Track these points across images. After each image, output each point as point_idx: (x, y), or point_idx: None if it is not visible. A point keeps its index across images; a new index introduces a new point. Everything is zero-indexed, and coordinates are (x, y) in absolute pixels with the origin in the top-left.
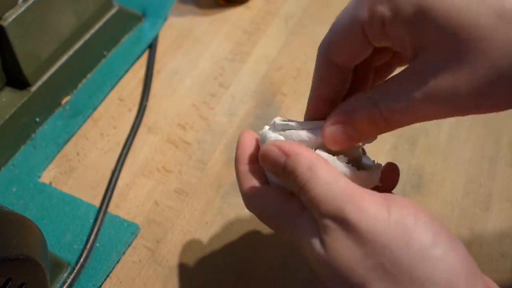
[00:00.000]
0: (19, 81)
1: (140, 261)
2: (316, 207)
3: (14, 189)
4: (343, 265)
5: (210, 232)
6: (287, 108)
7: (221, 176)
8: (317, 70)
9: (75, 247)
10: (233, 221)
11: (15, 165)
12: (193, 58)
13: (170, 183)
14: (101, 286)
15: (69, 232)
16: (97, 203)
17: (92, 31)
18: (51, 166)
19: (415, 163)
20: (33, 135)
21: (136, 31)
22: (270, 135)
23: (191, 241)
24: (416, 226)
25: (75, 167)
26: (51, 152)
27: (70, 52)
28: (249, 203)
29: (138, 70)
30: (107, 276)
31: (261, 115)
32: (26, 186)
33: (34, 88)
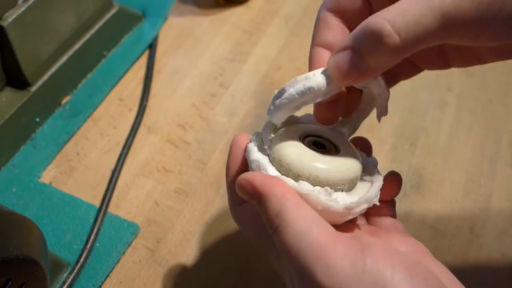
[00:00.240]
0: (19, 81)
1: (140, 261)
2: (286, 257)
3: (14, 189)
4: None
5: (210, 232)
6: None
7: (221, 176)
8: (318, 20)
9: (75, 247)
10: (233, 221)
11: (15, 165)
12: (193, 58)
13: (170, 183)
14: (101, 286)
15: (69, 232)
16: (97, 203)
17: (92, 31)
18: (51, 166)
19: (415, 163)
20: (33, 135)
21: (136, 31)
22: (253, 155)
23: (191, 241)
24: (392, 282)
25: (75, 167)
26: (51, 152)
27: (70, 52)
28: (233, 217)
29: (138, 70)
30: (107, 276)
31: (261, 115)
32: (26, 186)
33: (34, 88)
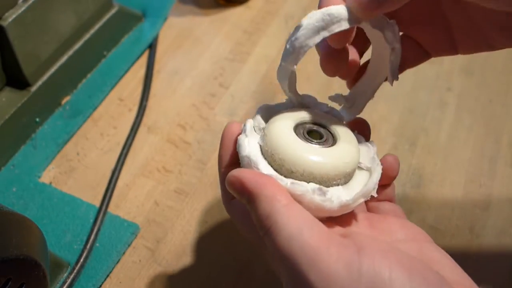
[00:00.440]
0: (19, 81)
1: (140, 261)
2: (278, 259)
3: (14, 189)
4: None
5: (210, 232)
6: None
7: None
8: None
9: (75, 247)
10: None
11: (15, 165)
12: (193, 58)
13: (170, 183)
14: (101, 286)
15: (69, 232)
16: (97, 203)
17: (92, 31)
18: (51, 166)
19: (415, 163)
20: (33, 135)
21: (136, 31)
22: (244, 150)
23: (191, 241)
24: (390, 284)
25: (75, 167)
26: (51, 152)
27: (70, 52)
28: (227, 211)
29: (138, 70)
30: (107, 276)
31: None
32: (26, 186)
33: (34, 88)
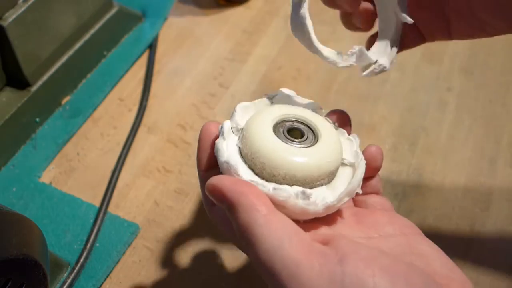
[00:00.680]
0: (19, 81)
1: (140, 261)
2: (261, 272)
3: (14, 189)
4: None
5: (210, 232)
6: None
7: None
8: None
9: (75, 247)
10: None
11: (15, 165)
12: (193, 58)
13: (170, 183)
14: (101, 286)
15: (69, 232)
16: (97, 203)
17: (92, 31)
18: (51, 166)
19: (415, 163)
20: (33, 135)
21: (136, 31)
22: (222, 155)
23: (191, 241)
24: None
25: (75, 167)
26: (51, 152)
27: (70, 52)
28: (209, 215)
29: (138, 70)
30: (107, 276)
31: None
32: (26, 186)
33: (34, 88)
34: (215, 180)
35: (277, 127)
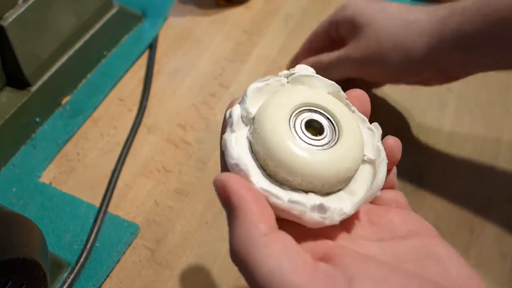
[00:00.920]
0: (19, 81)
1: (140, 261)
2: None
3: (14, 189)
4: None
5: (210, 232)
6: None
7: None
8: (316, 31)
9: (75, 247)
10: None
11: (15, 165)
12: (193, 58)
13: (170, 183)
14: (101, 286)
15: (69, 232)
16: (97, 203)
17: (92, 31)
18: (51, 166)
19: (415, 163)
20: (33, 135)
21: (136, 31)
22: (231, 155)
23: (191, 241)
24: None
25: (75, 167)
26: (51, 152)
27: (70, 52)
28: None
29: (138, 70)
30: (107, 276)
31: None
32: (26, 186)
33: (34, 88)
34: (224, 177)
35: (294, 118)
